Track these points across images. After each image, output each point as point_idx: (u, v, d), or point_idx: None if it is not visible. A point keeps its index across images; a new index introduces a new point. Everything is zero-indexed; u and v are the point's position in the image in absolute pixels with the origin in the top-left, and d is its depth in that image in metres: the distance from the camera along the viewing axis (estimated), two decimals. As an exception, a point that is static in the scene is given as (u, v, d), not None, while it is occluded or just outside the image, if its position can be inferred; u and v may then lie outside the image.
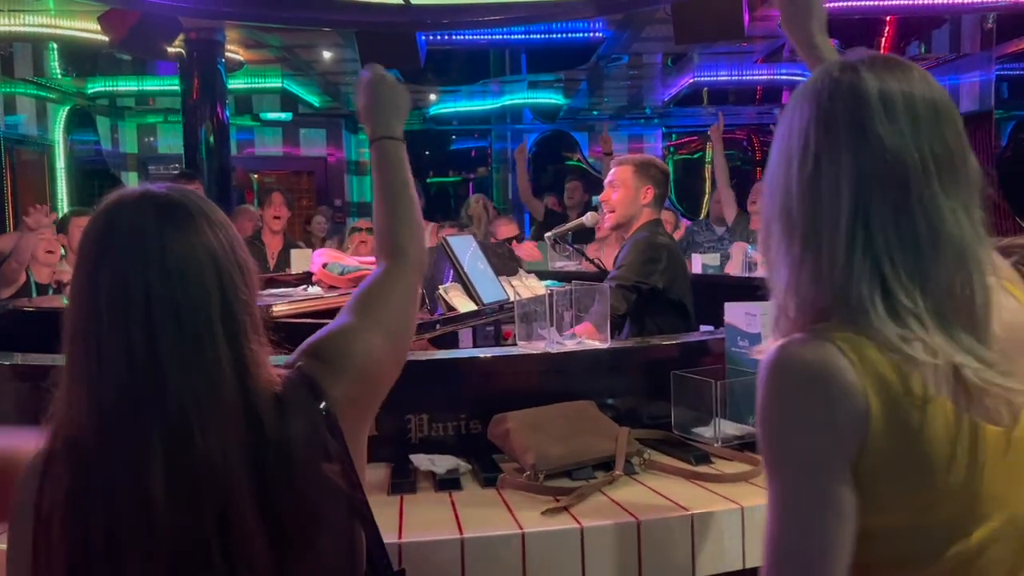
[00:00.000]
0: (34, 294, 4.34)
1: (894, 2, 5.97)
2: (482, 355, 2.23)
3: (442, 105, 11.04)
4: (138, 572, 1.00)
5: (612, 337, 2.27)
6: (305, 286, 3.51)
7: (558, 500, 1.71)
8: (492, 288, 3.07)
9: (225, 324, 1.04)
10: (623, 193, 3.21)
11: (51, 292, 4.37)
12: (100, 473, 1.01)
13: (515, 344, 2.27)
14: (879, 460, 0.91)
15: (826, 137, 0.96)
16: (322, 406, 1.11)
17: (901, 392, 0.90)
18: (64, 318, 1.06)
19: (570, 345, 2.17)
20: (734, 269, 4.40)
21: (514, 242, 5.08)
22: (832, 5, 6.05)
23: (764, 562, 0.94)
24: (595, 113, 11.85)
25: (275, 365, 1.13)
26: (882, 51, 7.50)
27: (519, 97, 10.58)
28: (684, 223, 6.87)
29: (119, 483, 1.00)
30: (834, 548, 0.90)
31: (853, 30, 6.64)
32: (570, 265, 4.58)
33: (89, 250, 1.05)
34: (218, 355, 1.03)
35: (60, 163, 9.15)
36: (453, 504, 1.73)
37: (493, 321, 3.08)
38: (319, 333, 1.22)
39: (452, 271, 2.96)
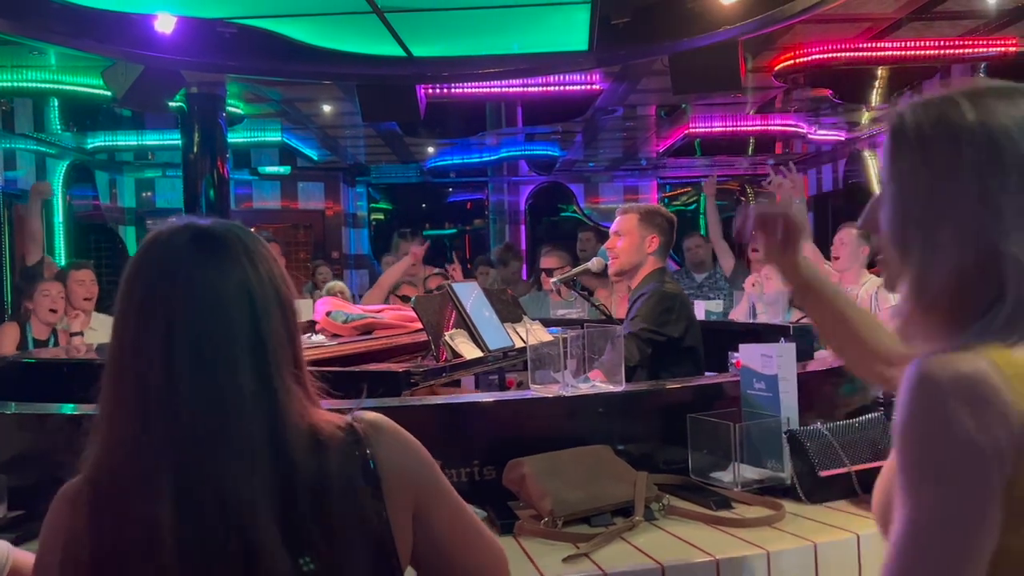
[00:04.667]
0: (31, 348, 4.31)
1: (883, 53, 6.09)
2: (495, 399, 2.20)
3: (440, 159, 11.14)
4: None
5: (621, 384, 2.25)
6: (309, 334, 3.48)
7: (578, 547, 1.67)
8: (497, 334, 3.05)
9: (255, 357, 1.02)
10: (628, 241, 3.22)
11: (51, 344, 4.34)
12: (111, 507, 0.98)
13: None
14: None
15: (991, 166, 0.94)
16: (366, 455, 1.06)
17: None
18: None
19: (584, 389, 2.14)
20: (739, 316, 4.41)
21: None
22: (823, 56, 6.16)
23: None
24: (591, 164, 11.96)
25: (331, 409, 1.10)
26: (876, 101, 7.62)
27: (516, 149, 10.68)
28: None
29: (128, 520, 0.97)
30: (976, 567, 0.88)
31: (846, 81, 6.74)
32: (572, 312, 4.56)
33: (125, 278, 1.05)
34: (240, 388, 1.00)
35: (59, 218, 9.16)
36: (471, 552, 1.68)
37: (498, 368, 3.05)
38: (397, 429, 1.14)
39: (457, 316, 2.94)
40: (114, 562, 0.97)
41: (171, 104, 6.19)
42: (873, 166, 9.62)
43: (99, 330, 4.49)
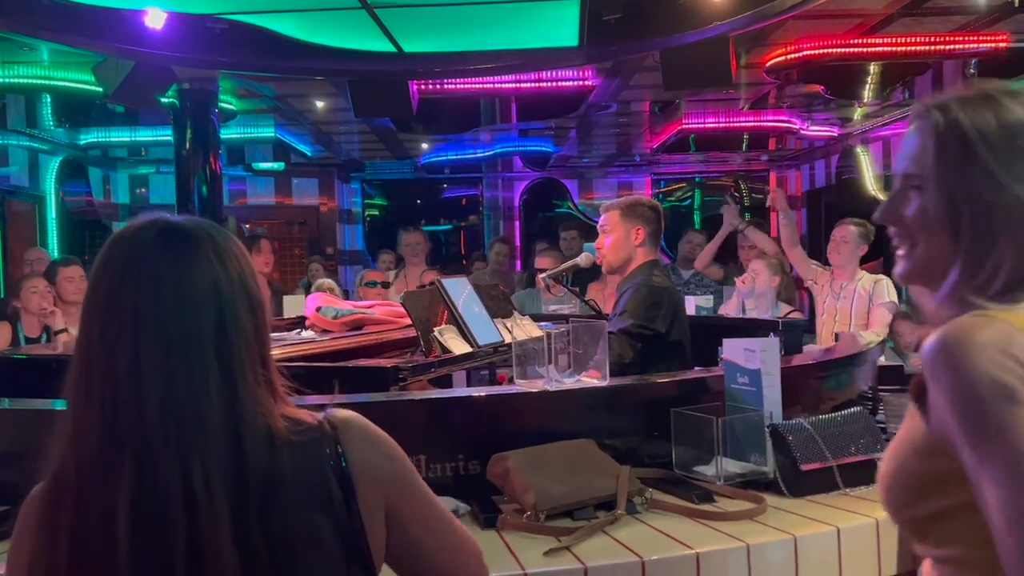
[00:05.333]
0: (22, 344, 4.31)
1: (874, 49, 6.09)
2: (480, 394, 2.22)
3: (434, 154, 11.13)
4: None
5: (610, 378, 2.26)
6: (298, 330, 3.49)
7: (560, 540, 1.68)
8: (487, 330, 3.06)
9: (219, 352, 1.03)
10: (614, 237, 3.22)
11: (43, 340, 4.34)
12: (72, 498, 0.99)
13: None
14: None
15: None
16: (337, 454, 1.06)
17: None
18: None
19: (568, 383, 2.15)
20: (730, 312, 4.45)
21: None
22: (815, 52, 6.16)
23: (1011, 538, 0.88)
24: (585, 160, 11.96)
25: (303, 405, 1.11)
26: (868, 97, 7.63)
27: (510, 145, 10.67)
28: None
29: (86, 507, 0.98)
30: None
31: (838, 77, 6.74)
32: (564, 308, 4.57)
33: (94, 269, 1.06)
34: (206, 380, 1.01)
35: (52, 214, 9.14)
36: (453, 545, 1.69)
37: (488, 363, 3.06)
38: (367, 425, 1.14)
39: (447, 313, 2.95)
40: (71, 552, 0.98)
41: (163, 100, 6.18)
42: (866, 162, 9.63)
43: None
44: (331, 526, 1.03)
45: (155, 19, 4.51)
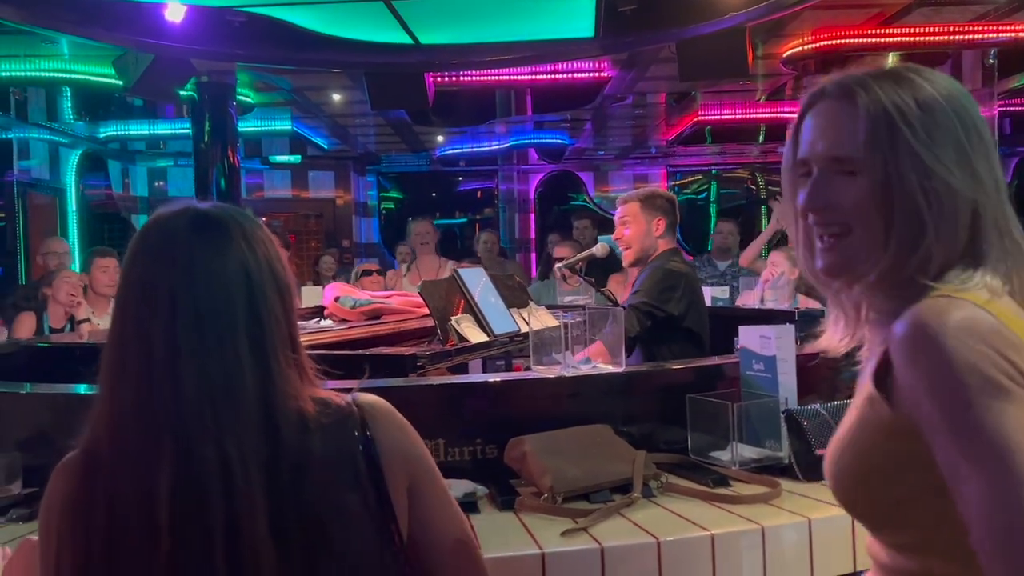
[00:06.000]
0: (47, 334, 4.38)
1: (892, 39, 6.06)
2: (497, 380, 2.24)
3: (450, 147, 11.16)
4: None
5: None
6: (317, 319, 3.52)
7: (577, 521, 1.70)
8: (503, 320, 3.08)
9: (251, 335, 1.05)
10: (635, 229, 3.24)
11: (67, 330, 4.41)
12: (107, 475, 1.02)
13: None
14: None
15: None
16: (365, 436, 1.09)
17: None
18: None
19: (585, 370, 2.17)
20: (748, 303, 4.46)
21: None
22: (832, 43, 6.14)
23: (991, 526, 0.86)
24: (600, 152, 11.95)
25: (335, 389, 1.14)
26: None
27: (525, 138, 10.69)
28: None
29: (123, 486, 1.01)
30: None
31: (856, 66, 6.71)
32: (580, 299, 4.58)
33: (127, 257, 1.09)
34: (240, 364, 1.04)
35: (73, 206, 9.24)
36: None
37: (504, 353, 3.08)
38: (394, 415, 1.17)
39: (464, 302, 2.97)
40: (108, 528, 1.01)
41: (182, 93, 6.23)
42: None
43: None
44: (360, 504, 1.06)
45: (175, 12, 4.56)
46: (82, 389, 2.22)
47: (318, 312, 3.69)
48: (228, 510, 1.00)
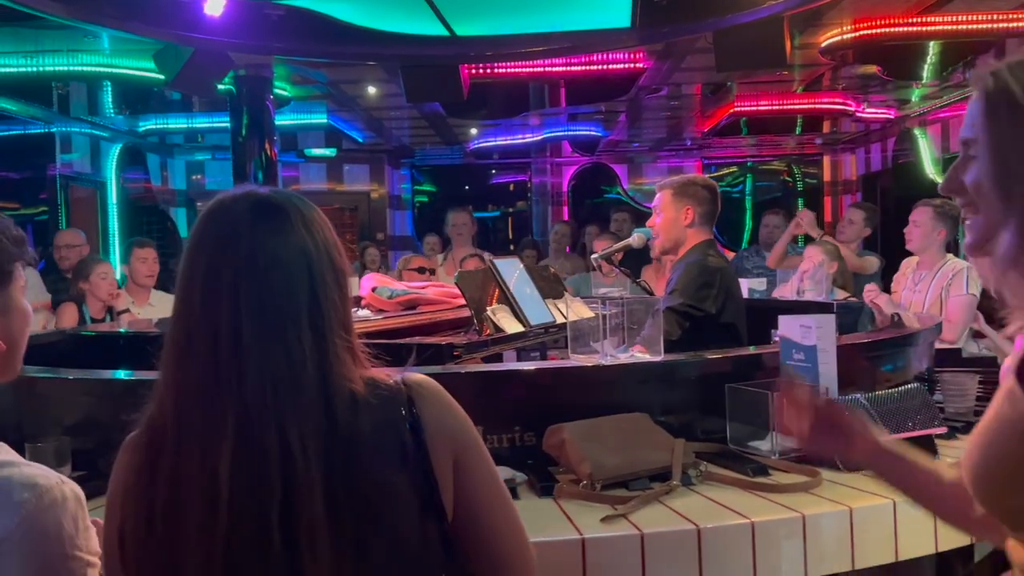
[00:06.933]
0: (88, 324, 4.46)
1: (933, 28, 5.95)
2: (536, 368, 2.25)
3: (483, 139, 11.17)
4: (195, 553, 1.03)
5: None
6: (355, 309, 3.56)
7: (616, 508, 1.71)
8: (539, 310, 3.09)
9: (311, 318, 1.08)
10: (664, 218, 3.21)
11: (107, 320, 4.49)
12: (171, 452, 1.05)
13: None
14: None
15: None
16: (412, 414, 1.11)
17: None
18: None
19: (623, 358, 2.17)
20: (785, 295, 4.42)
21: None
22: (872, 32, 6.04)
23: None
24: (634, 145, 11.89)
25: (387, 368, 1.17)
26: (927, 78, 7.45)
27: (559, 130, 10.66)
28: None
29: (186, 462, 1.04)
30: None
31: (896, 57, 6.60)
32: (614, 291, 4.57)
33: (190, 243, 1.12)
34: (301, 345, 1.07)
35: (113, 199, 9.40)
36: (511, 512, 1.73)
37: (539, 343, 3.09)
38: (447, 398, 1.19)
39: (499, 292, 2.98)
40: (169, 502, 1.04)
41: (220, 87, 6.31)
42: (924, 145, 9.41)
43: (157, 306, 4.65)
44: (407, 481, 1.08)
45: (214, 6, 4.61)
46: (125, 375, 2.27)
47: (355, 303, 3.73)
48: (286, 488, 1.03)
